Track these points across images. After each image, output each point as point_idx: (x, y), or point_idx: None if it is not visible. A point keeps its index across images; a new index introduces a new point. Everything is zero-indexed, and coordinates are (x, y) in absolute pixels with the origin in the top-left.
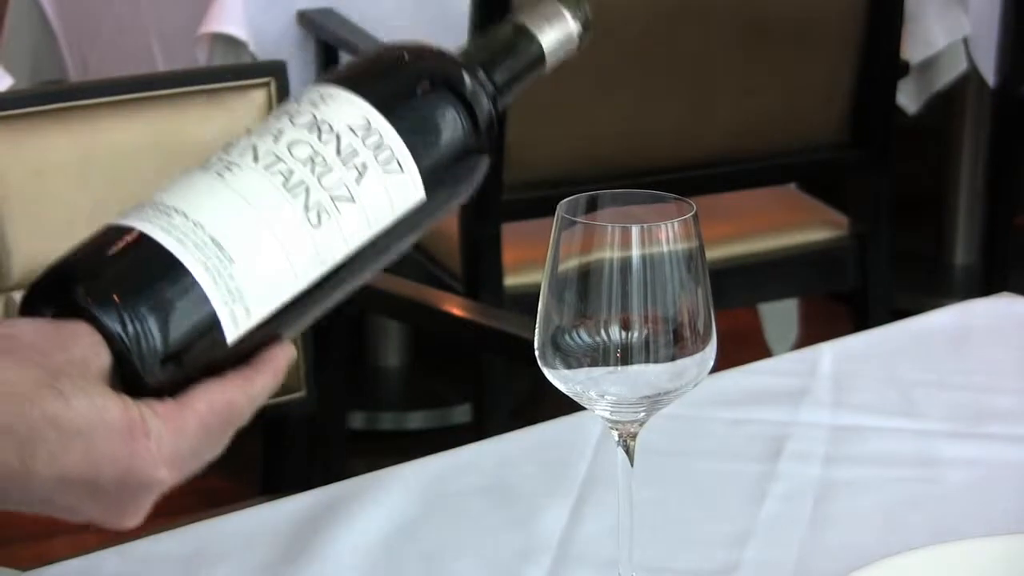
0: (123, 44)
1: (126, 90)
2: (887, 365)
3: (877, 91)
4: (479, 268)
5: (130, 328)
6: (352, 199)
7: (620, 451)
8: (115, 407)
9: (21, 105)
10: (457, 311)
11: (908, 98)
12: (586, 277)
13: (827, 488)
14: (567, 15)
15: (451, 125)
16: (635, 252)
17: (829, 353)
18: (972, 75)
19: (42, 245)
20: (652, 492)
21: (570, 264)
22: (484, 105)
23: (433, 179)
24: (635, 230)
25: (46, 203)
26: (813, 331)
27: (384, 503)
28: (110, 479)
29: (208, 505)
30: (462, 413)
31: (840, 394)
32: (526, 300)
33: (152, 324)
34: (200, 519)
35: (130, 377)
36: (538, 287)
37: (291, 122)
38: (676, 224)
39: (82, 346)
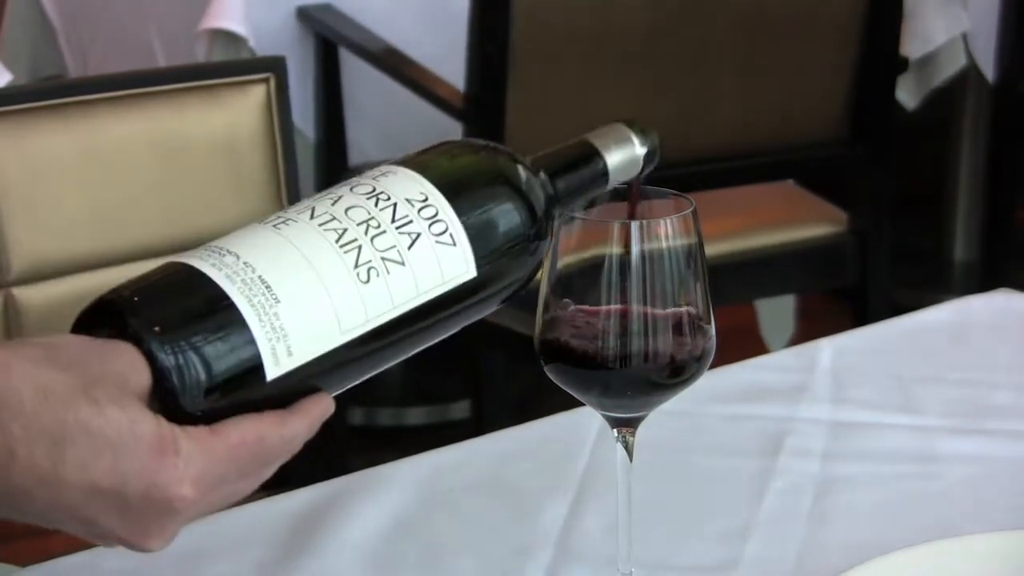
0: (123, 41)
1: (125, 86)
2: (886, 361)
3: (877, 87)
4: None
5: (172, 355)
6: (403, 263)
7: (619, 447)
8: (147, 421)
9: (20, 101)
10: None
11: (907, 94)
12: (585, 273)
13: (826, 484)
14: (635, 140)
15: (507, 215)
16: (634, 248)
17: (828, 349)
18: (971, 71)
19: (41, 240)
20: (651, 488)
21: (569, 260)
22: (540, 199)
23: (485, 261)
24: (634, 226)
25: (45, 199)
26: (812, 327)
27: (383, 499)
28: (136, 492)
29: None
30: (461, 409)
31: (839, 390)
32: (526, 296)
33: (194, 353)
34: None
35: (167, 402)
36: (537, 282)
37: (351, 190)
38: (675, 220)
39: (122, 362)
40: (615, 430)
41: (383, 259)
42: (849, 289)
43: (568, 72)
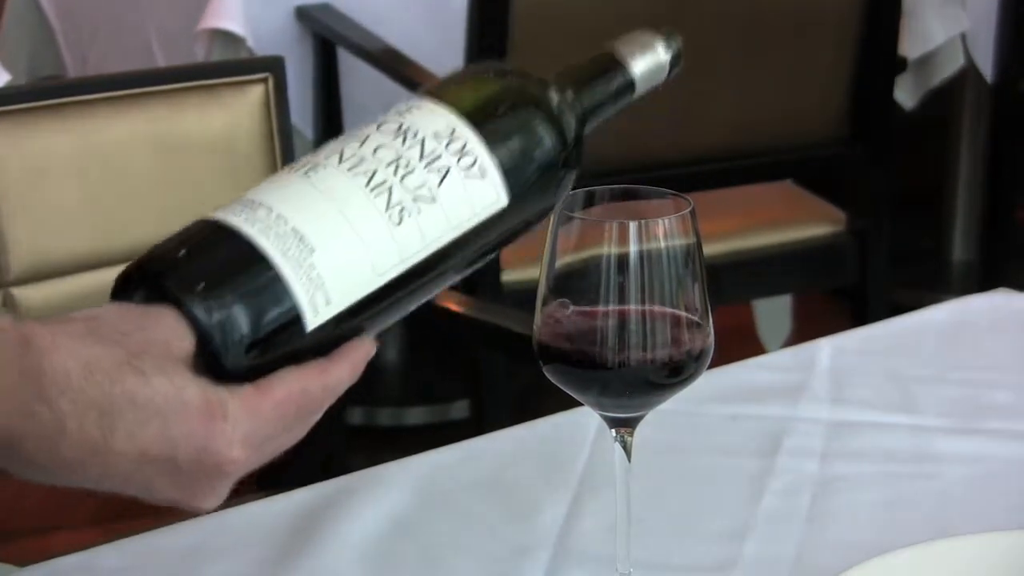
0: (122, 40)
1: (124, 86)
2: (885, 361)
3: (875, 87)
4: None
5: (213, 315)
6: (433, 200)
7: (618, 447)
8: (193, 387)
9: (19, 100)
10: (455, 307)
11: (906, 94)
12: (584, 273)
13: (825, 484)
14: (659, 46)
15: (535, 139)
16: (632, 248)
17: (827, 349)
18: (970, 71)
19: (40, 240)
20: (650, 488)
21: (568, 260)
22: (570, 123)
23: (516, 188)
24: (633, 226)
25: (44, 198)
26: (811, 327)
27: (382, 499)
28: (186, 457)
29: None
30: (460, 409)
31: (838, 390)
32: (524, 295)
33: (234, 310)
34: (198, 515)
35: (211, 363)
36: (536, 283)
37: (378, 129)
38: (673, 220)
39: (165, 329)
40: (613, 430)
41: (414, 199)
42: (848, 289)
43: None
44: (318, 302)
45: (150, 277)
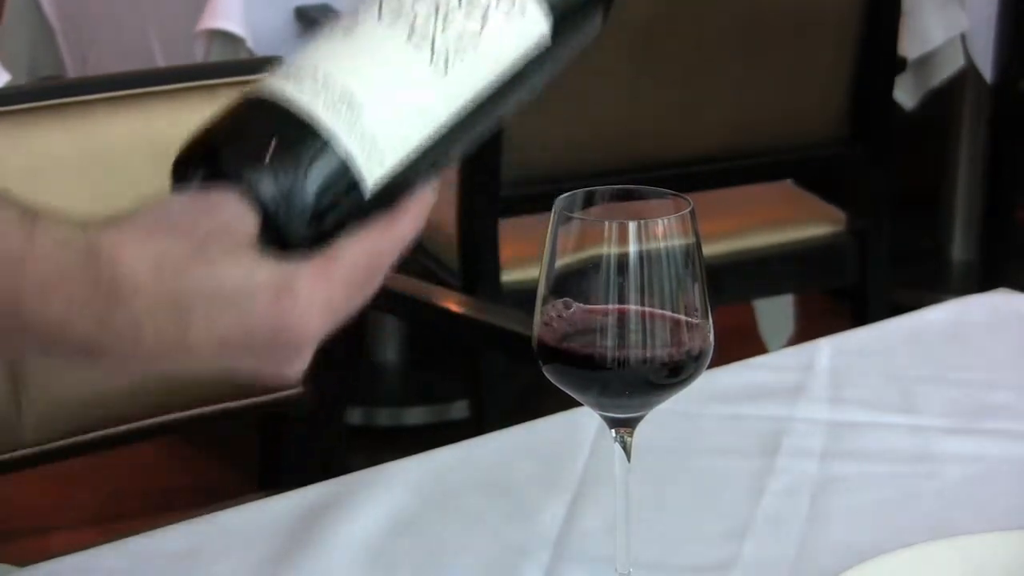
0: (122, 41)
1: (123, 86)
2: (885, 361)
3: (875, 87)
4: (476, 264)
5: (273, 187)
6: (476, 45)
7: (617, 447)
8: (262, 268)
9: (19, 101)
10: (454, 307)
11: (905, 94)
12: (583, 273)
13: (825, 484)
14: None
15: None
16: (632, 248)
17: (827, 349)
18: (970, 71)
19: None
20: (649, 488)
21: (567, 260)
22: None
23: (556, 19)
24: (632, 226)
25: (44, 199)
26: (811, 327)
27: (382, 499)
28: (263, 337)
29: (206, 501)
30: (460, 409)
31: (838, 390)
32: (523, 296)
33: (293, 181)
34: (198, 515)
35: (276, 238)
36: (535, 283)
37: None
38: (673, 220)
39: (227, 212)
40: (613, 430)
41: (456, 46)
42: (848, 289)
43: (566, 71)
44: (374, 161)
45: (205, 158)
